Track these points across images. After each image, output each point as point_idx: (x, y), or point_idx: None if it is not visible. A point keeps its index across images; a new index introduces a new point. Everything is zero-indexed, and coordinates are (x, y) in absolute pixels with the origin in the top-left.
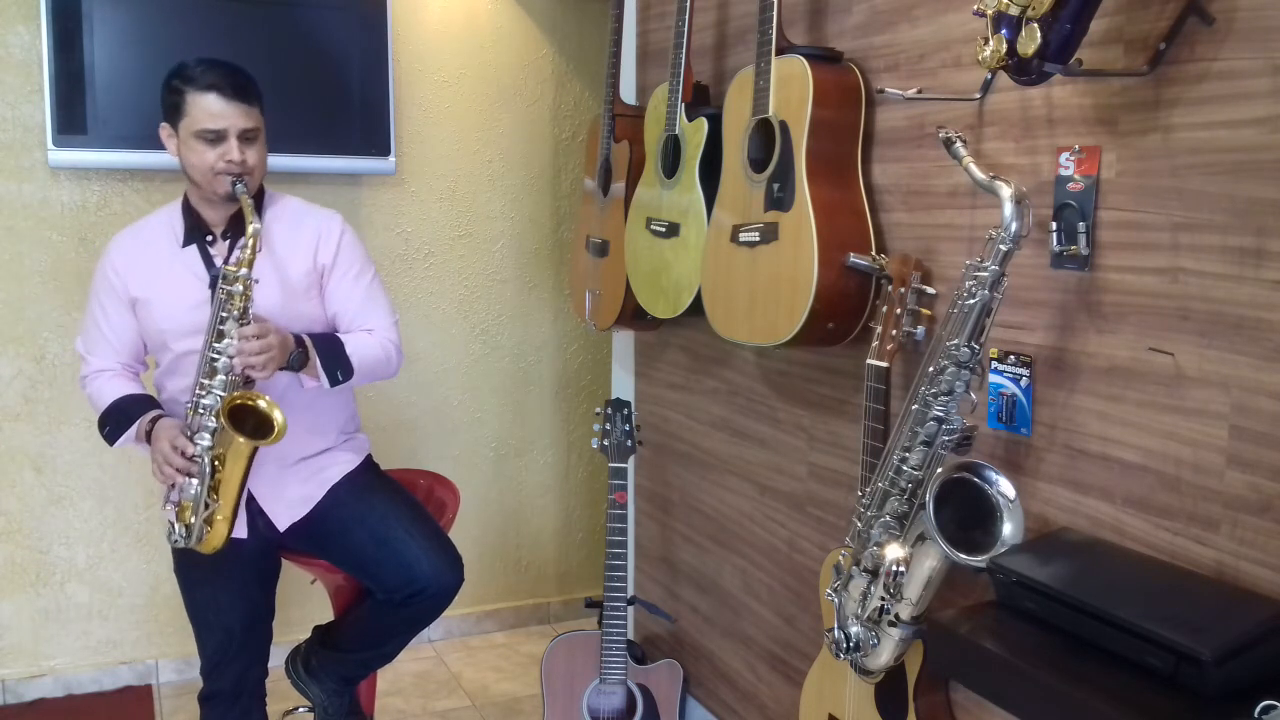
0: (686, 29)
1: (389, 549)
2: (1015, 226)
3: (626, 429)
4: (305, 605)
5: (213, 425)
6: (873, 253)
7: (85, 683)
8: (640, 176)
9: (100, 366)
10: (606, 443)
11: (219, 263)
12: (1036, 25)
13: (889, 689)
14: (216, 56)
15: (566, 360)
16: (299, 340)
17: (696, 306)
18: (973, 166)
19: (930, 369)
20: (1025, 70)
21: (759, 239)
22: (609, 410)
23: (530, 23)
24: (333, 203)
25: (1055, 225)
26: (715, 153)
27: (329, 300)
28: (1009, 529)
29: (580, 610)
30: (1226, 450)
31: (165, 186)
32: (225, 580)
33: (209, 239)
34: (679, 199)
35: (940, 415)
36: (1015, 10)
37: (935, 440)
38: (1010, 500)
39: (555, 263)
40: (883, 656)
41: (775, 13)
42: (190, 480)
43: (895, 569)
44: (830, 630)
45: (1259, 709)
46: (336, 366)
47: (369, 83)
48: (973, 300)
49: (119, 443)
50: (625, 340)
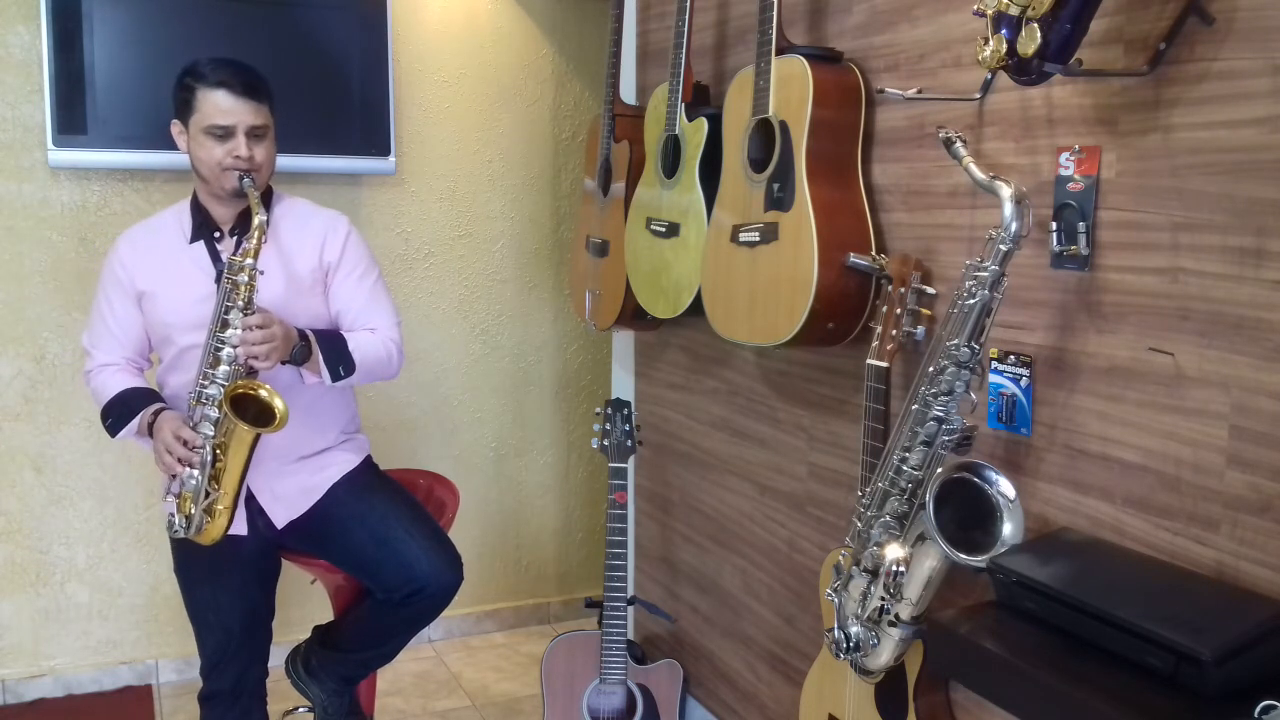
0: (686, 29)
1: (389, 548)
2: (1015, 226)
3: (626, 429)
4: (305, 605)
5: (215, 415)
6: (873, 253)
7: (85, 683)
8: (640, 176)
9: (105, 361)
10: (606, 443)
11: (225, 258)
12: (1036, 25)
13: (889, 689)
14: (224, 56)
15: (566, 360)
16: (302, 335)
17: (696, 306)
18: (973, 166)
19: (930, 369)
20: (1025, 70)
21: (759, 239)
22: (609, 410)
23: (530, 23)
24: (333, 203)
25: (1055, 225)
26: (715, 153)
27: (333, 299)
28: (1009, 529)
29: (580, 610)
30: (1226, 450)
31: (165, 186)
32: (225, 580)
33: (216, 235)
34: (679, 199)
35: (940, 415)
36: (1015, 10)
37: (935, 440)
38: (1010, 500)
39: (555, 263)
40: (883, 656)
41: (775, 13)
42: (192, 470)
43: (895, 569)
44: (830, 630)
45: (1259, 709)
46: (339, 362)
47: (369, 83)
48: (973, 300)
49: (121, 434)
50: (625, 340)
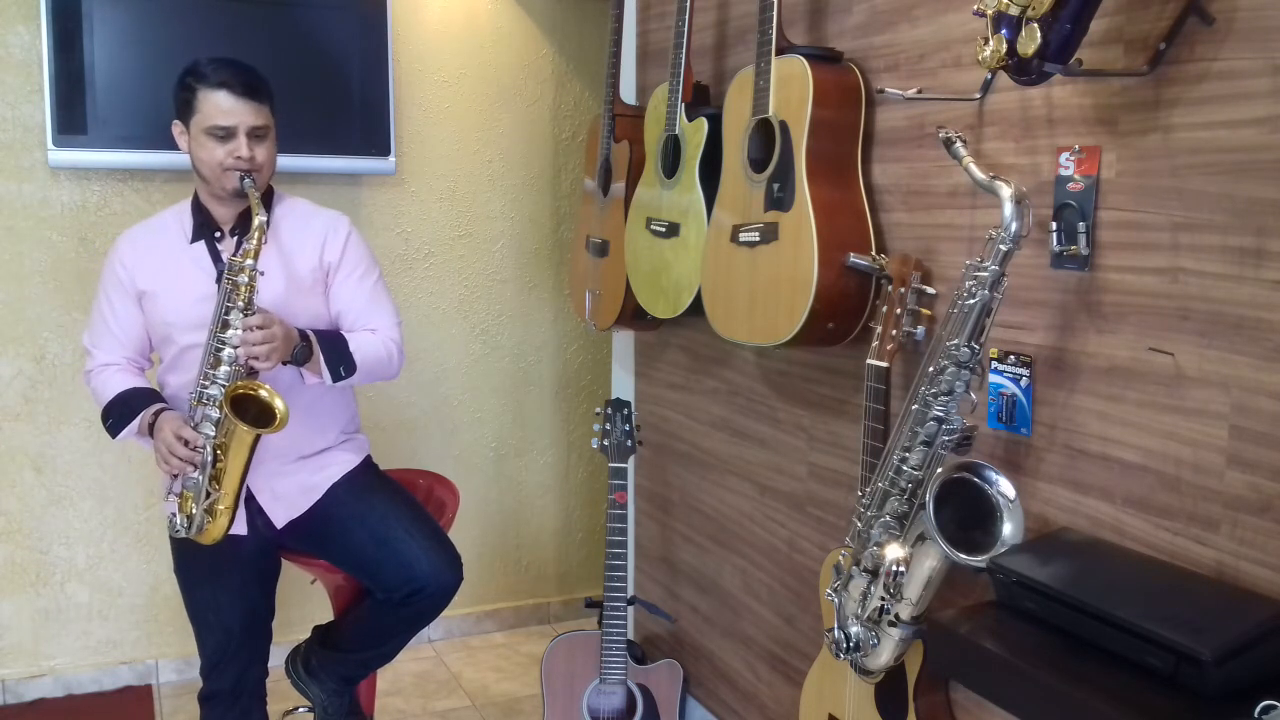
0: (686, 29)
1: (388, 548)
2: (1015, 226)
3: (626, 429)
4: (305, 605)
5: (216, 415)
6: (873, 253)
7: (85, 683)
8: (640, 176)
9: (105, 361)
10: (606, 443)
11: (226, 258)
12: (1036, 25)
13: (889, 689)
14: (225, 56)
15: (566, 360)
16: (303, 335)
17: (696, 306)
18: (973, 166)
19: (930, 369)
20: (1025, 70)
21: (759, 239)
22: (609, 410)
23: (530, 23)
24: (333, 203)
25: (1055, 225)
26: (715, 153)
27: (334, 299)
28: (1009, 529)
29: (580, 610)
30: (1226, 450)
31: (165, 187)
32: (225, 580)
33: (217, 235)
34: (679, 199)
35: (940, 415)
36: (1015, 10)
37: (935, 440)
38: (1010, 500)
39: (555, 263)
40: (883, 656)
41: (775, 13)
42: (192, 470)
43: (895, 569)
44: (830, 630)
45: (1259, 709)
46: (340, 363)
47: (369, 83)
48: (973, 300)
49: (122, 435)
50: (625, 340)
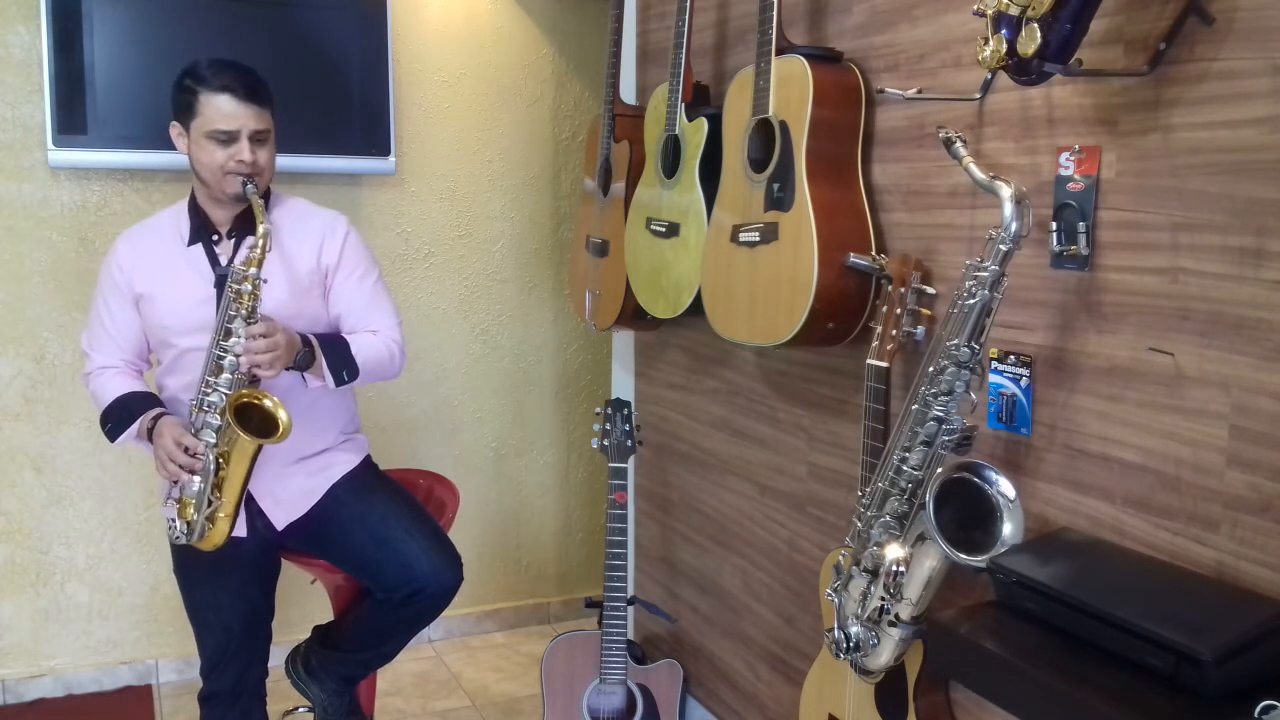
0: (686, 29)
1: (389, 549)
2: (1015, 226)
3: (626, 429)
4: (305, 605)
5: (217, 423)
6: (873, 253)
7: (85, 683)
8: (640, 176)
9: (104, 363)
10: (606, 443)
11: (224, 261)
12: (1036, 25)
13: (889, 689)
14: (223, 57)
15: (566, 360)
16: (305, 340)
17: (696, 306)
18: (973, 166)
19: (930, 369)
20: (1025, 70)
21: (759, 239)
22: (609, 410)
23: (530, 23)
24: (333, 203)
25: (1055, 225)
26: (715, 153)
27: (333, 301)
28: (1009, 529)
29: (580, 610)
30: (1226, 450)
31: (165, 187)
32: (225, 580)
33: (214, 238)
34: (679, 199)
35: (940, 415)
36: (1015, 10)
37: (935, 440)
38: (1010, 500)
39: (555, 263)
40: (883, 656)
41: (775, 13)
42: (193, 477)
43: (895, 569)
44: (830, 630)
45: (1259, 709)
46: (342, 367)
47: (369, 83)
48: (973, 300)
49: (120, 439)
50: (625, 340)
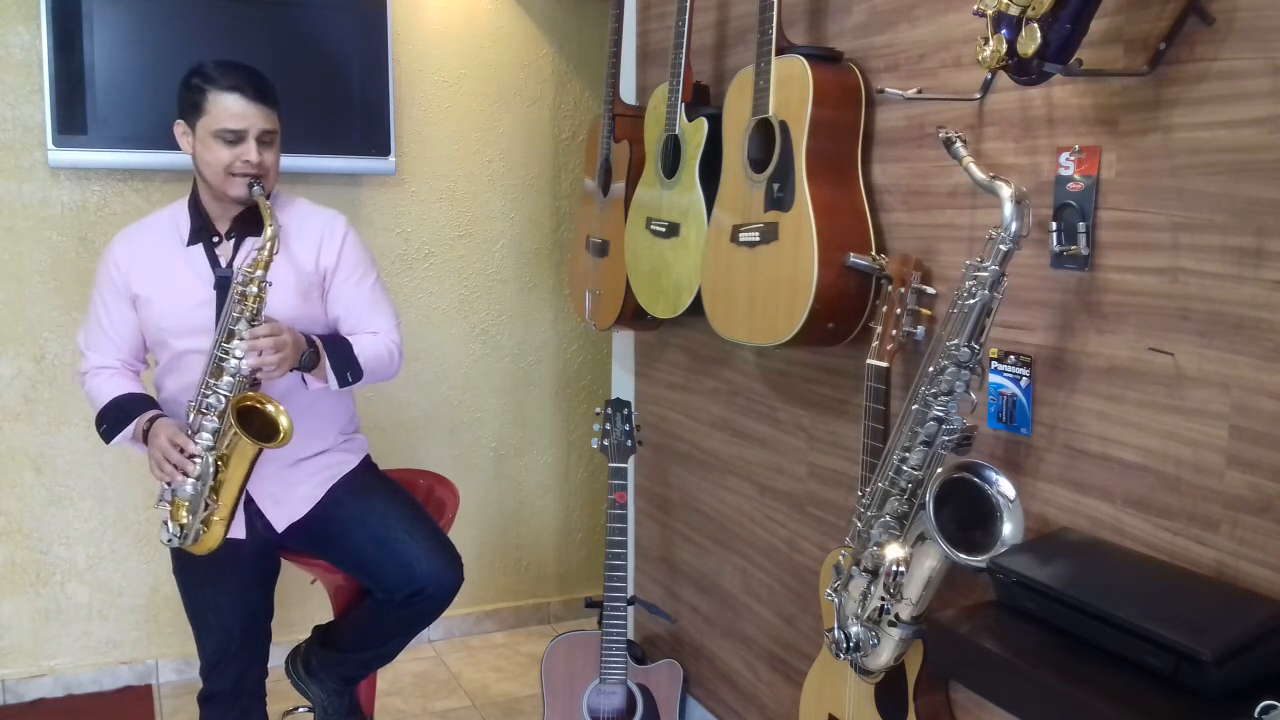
0: (686, 29)
1: (389, 549)
2: (1015, 226)
3: (626, 429)
4: (305, 605)
5: (214, 425)
6: (873, 253)
7: (85, 683)
8: (640, 176)
9: (100, 363)
10: (606, 443)
11: (224, 262)
12: (1036, 25)
13: (889, 689)
14: (228, 58)
15: (566, 360)
16: (309, 342)
17: (696, 306)
18: (973, 166)
19: (930, 369)
20: (1025, 70)
21: (759, 239)
22: (609, 410)
23: (530, 23)
24: (333, 203)
25: (1055, 225)
26: (715, 153)
27: (333, 303)
28: (1009, 529)
29: (580, 610)
30: (1226, 450)
31: (165, 186)
32: (224, 581)
33: (214, 239)
34: (679, 199)
35: (940, 415)
36: (1015, 10)
37: (935, 440)
38: (1010, 500)
39: (555, 263)
40: (883, 656)
41: (775, 13)
42: (186, 479)
43: (895, 569)
44: (830, 630)
45: (1259, 709)
46: (347, 369)
47: (369, 83)
48: (973, 300)
49: (116, 441)
50: (625, 340)
